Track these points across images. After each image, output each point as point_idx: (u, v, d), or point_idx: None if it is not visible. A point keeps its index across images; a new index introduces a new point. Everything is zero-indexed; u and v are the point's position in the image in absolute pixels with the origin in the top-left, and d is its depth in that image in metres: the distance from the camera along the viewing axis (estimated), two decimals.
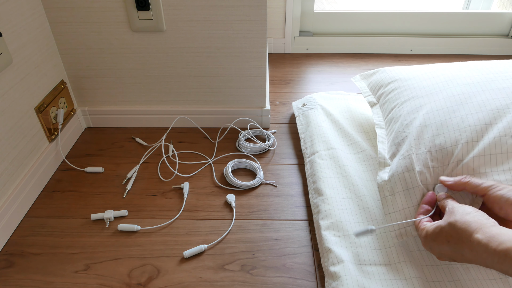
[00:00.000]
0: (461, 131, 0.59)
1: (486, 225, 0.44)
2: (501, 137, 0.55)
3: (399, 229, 0.58)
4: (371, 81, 0.85)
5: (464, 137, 0.58)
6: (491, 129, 0.57)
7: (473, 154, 0.56)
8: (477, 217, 0.45)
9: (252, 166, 0.82)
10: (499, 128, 0.56)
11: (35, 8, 0.77)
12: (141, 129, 0.97)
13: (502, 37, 1.39)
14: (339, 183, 0.73)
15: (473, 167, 0.56)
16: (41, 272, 0.61)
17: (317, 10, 1.38)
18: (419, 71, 0.75)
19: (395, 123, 0.69)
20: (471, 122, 0.59)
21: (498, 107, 0.59)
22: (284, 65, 1.34)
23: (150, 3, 0.78)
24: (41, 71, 0.80)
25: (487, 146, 0.56)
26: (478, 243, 0.42)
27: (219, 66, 0.89)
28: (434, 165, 0.58)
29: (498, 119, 0.58)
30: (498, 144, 0.55)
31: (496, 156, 0.55)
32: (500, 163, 0.54)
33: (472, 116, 0.60)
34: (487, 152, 0.55)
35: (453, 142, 0.58)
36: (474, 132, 0.58)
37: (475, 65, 0.71)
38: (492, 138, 0.56)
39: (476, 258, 0.43)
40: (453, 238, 0.46)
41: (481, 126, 0.58)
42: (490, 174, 0.55)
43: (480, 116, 0.59)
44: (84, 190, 0.78)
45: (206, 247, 0.65)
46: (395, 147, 0.65)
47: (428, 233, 0.50)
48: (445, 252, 0.48)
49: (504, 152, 0.55)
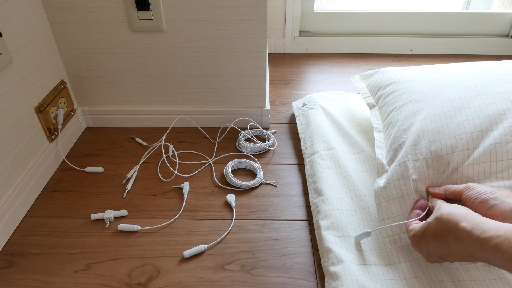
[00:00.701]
0: (457, 139, 0.58)
1: (471, 215, 0.45)
2: (496, 144, 0.55)
3: (392, 235, 0.58)
4: (371, 81, 0.85)
5: (460, 145, 0.58)
6: (487, 136, 0.57)
7: (468, 162, 0.56)
8: (462, 209, 0.47)
9: (252, 166, 0.82)
10: (495, 135, 0.56)
11: (35, 8, 0.77)
12: (141, 129, 0.97)
13: (502, 37, 1.39)
14: (339, 183, 0.73)
15: (468, 175, 0.56)
16: (41, 272, 0.61)
17: (317, 10, 1.38)
18: (417, 73, 0.75)
19: (392, 127, 0.69)
20: (467, 129, 0.59)
21: (494, 113, 0.59)
22: (284, 65, 1.34)
23: (150, 3, 0.78)
24: (41, 71, 0.80)
25: (482, 154, 0.56)
26: (463, 231, 0.44)
27: (219, 66, 0.89)
28: (430, 172, 0.58)
29: (494, 126, 0.57)
30: (493, 152, 0.55)
31: (491, 164, 0.55)
32: (494, 171, 0.55)
33: (468, 123, 0.59)
34: (481, 160, 0.55)
35: (449, 149, 0.58)
36: (470, 140, 0.57)
37: (473, 67, 0.71)
38: (487, 146, 0.56)
39: (460, 248, 0.44)
40: (439, 230, 0.47)
41: (477, 133, 0.58)
42: (485, 182, 0.55)
43: (477, 123, 0.59)
44: (84, 190, 0.78)
45: (206, 247, 0.65)
46: (392, 152, 0.65)
47: (416, 231, 0.51)
48: (432, 248, 0.49)
49: (499, 160, 0.55)
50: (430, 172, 0.58)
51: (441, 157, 0.58)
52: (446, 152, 0.58)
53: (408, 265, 0.57)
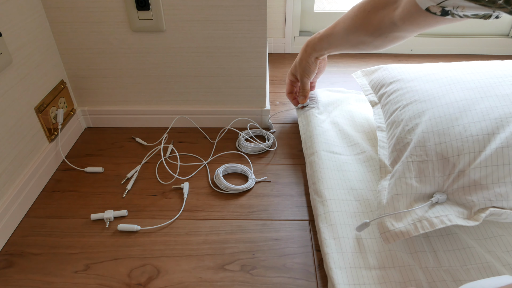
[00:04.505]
0: (463, 141, 0.58)
1: None
2: (503, 148, 0.55)
3: (384, 233, 0.57)
4: (373, 78, 0.85)
5: (466, 148, 0.57)
6: (493, 140, 0.56)
7: (475, 165, 0.56)
8: None
9: (241, 169, 0.81)
10: (502, 138, 0.56)
11: (35, 8, 0.77)
12: (141, 129, 0.97)
13: (502, 37, 1.39)
14: (339, 184, 0.73)
15: (475, 179, 0.55)
16: (41, 272, 0.61)
17: (317, 10, 1.38)
18: (421, 72, 0.75)
19: (396, 127, 0.68)
20: (474, 132, 0.58)
21: (501, 116, 0.58)
22: (284, 65, 1.34)
23: (150, 3, 0.78)
24: (41, 71, 0.80)
25: (489, 157, 0.55)
26: None
27: (219, 66, 0.88)
28: (436, 175, 0.58)
29: (501, 129, 0.57)
30: (500, 155, 0.55)
31: (498, 168, 0.54)
32: (502, 175, 0.54)
33: (475, 125, 0.59)
34: (488, 163, 0.55)
35: (455, 152, 0.58)
36: (477, 143, 0.57)
37: (478, 67, 0.71)
38: (494, 149, 0.55)
39: None
40: None
41: (484, 136, 0.57)
42: (492, 186, 0.54)
43: (483, 125, 0.58)
44: (84, 190, 0.78)
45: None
46: (396, 153, 0.65)
47: None
48: None
49: (507, 164, 0.54)
50: (436, 174, 0.58)
51: (447, 159, 0.58)
52: (452, 155, 0.58)
53: (407, 269, 0.57)
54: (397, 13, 0.60)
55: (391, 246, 0.60)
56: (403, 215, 0.57)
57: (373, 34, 0.67)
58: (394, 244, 0.60)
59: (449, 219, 0.54)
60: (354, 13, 0.69)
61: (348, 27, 0.71)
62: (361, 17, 0.68)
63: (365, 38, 0.69)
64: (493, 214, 0.54)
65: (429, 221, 0.55)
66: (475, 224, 0.53)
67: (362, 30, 0.68)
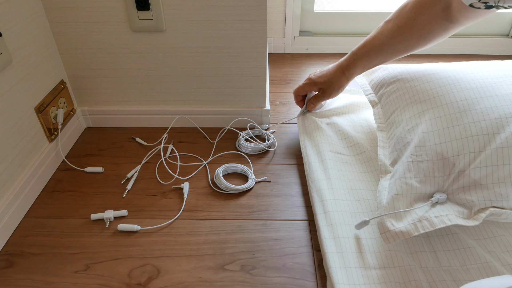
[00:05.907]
0: (464, 141, 0.58)
1: None
2: (503, 148, 0.55)
3: (384, 233, 0.57)
4: (373, 78, 0.84)
5: (466, 147, 0.57)
6: (493, 140, 0.56)
7: (475, 165, 0.56)
8: None
9: (241, 169, 0.81)
10: (502, 138, 0.56)
11: (35, 8, 0.77)
12: (141, 129, 0.97)
13: (502, 37, 1.39)
14: (339, 184, 0.73)
15: (475, 178, 0.55)
16: (41, 272, 0.61)
17: (317, 10, 1.38)
18: (421, 71, 0.75)
19: (396, 127, 0.68)
20: (474, 132, 0.58)
21: (501, 116, 0.58)
22: (284, 65, 1.34)
23: (150, 3, 0.78)
24: (41, 71, 0.80)
25: (489, 157, 0.55)
26: None
27: (219, 66, 0.88)
28: (436, 174, 0.58)
29: (501, 129, 0.57)
30: (500, 155, 0.55)
31: (498, 168, 0.54)
32: (502, 175, 0.54)
33: (475, 125, 0.59)
34: (488, 163, 0.55)
35: (455, 152, 0.58)
36: (477, 142, 0.57)
37: (478, 67, 0.71)
38: (494, 149, 0.55)
39: None
40: None
41: (484, 136, 0.57)
42: (492, 186, 0.54)
43: (483, 125, 0.58)
44: (84, 190, 0.78)
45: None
46: (396, 153, 0.65)
47: None
48: None
49: (507, 164, 0.54)
50: (436, 174, 0.58)
51: (447, 159, 0.58)
52: (452, 154, 0.58)
53: (408, 269, 0.57)
54: (446, 12, 0.66)
55: (391, 246, 0.60)
56: (403, 215, 0.57)
57: (426, 37, 0.72)
58: (394, 244, 0.60)
59: (449, 219, 0.54)
60: (396, 25, 0.73)
61: (393, 39, 0.74)
62: (409, 26, 0.72)
63: (415, 43, 0.73)
64: (493, 214, 0.54)
65: (429, 221, 0.55)
66: (475, 224, 0.53)
67: (413, 37, 0.72)
